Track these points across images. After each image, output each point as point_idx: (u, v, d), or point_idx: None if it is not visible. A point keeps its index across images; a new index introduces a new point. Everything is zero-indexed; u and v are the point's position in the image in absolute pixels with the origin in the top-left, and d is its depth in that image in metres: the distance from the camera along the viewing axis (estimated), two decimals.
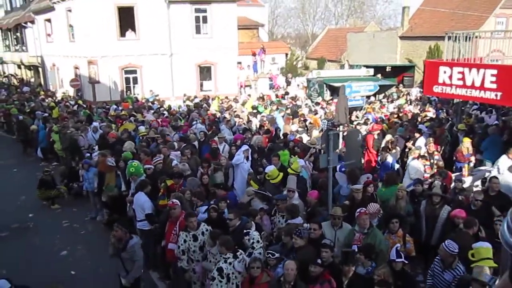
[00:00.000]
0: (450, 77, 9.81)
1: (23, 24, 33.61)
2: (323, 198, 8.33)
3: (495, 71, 8.98)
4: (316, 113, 17.17)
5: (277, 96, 24.92)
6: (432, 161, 11.64)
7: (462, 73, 9.56)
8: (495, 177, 8.55)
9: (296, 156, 10.40)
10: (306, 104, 21.58)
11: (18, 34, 36.93)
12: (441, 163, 11.47)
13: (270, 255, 6.28)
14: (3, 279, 5.86)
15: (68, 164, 14.71)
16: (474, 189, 9.34)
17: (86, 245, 10.44)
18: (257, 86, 27.69)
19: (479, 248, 5.74)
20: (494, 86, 9.01)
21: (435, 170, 10.99)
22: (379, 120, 16.13)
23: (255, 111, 19.20)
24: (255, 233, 6.62)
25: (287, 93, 25.74)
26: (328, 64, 42.26)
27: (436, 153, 11.85)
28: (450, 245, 6.05)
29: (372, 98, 22.46)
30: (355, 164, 8.59)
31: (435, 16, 35.24)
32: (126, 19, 24.56)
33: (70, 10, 25.52)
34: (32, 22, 32.24)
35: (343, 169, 9.41)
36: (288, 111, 18.85)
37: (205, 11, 26.02)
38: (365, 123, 15.91)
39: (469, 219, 6.70)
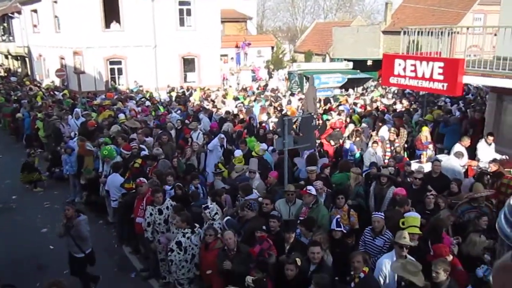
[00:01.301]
0: (404, 69, 10.61)
1: (10, 15, 33.95)
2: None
3: (442, 64, 9.79)
4: (289, 103, 17.93)
5: (258, 87, 25.63)
6: (392, 148, 12.53)
7: (414, 65, 10.37)
8: (437, 160, 9.40)
9: (258, 141, 11.17)
10: (285, 95, 22.35)
11: (5, 24, 37.18)
12: (399, 149, 12.36)
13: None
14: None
15: (51, 150, 15.32)
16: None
17: None
18: (239, 78, 28.37)
19: (408, 217, 6.57)
20: (441, 77, 9.82)
21: None
22: (351, 111, 16.97)
23: (236, 101, 19.95)
24: (213, 206, 7.37)
25: (267, 85, 26.46)
26: (315, 58, 42.95)
27: (396, 140, 12.74)
28: (379, 214, 6.93)
29: (350, 91, 23.34)
30: (311, 148, 9.38)
31: (417, 11, 36.10)
32: (111, 11, 25.11)
33: (56, 1, 26.00)
34: (19, 12, 32.59)
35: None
36: (268, 102, 19.60)
37: (189, 3, 26.67)
38: (339, 114, 16.78)
39: (401, 199, 7.51)
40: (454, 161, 10.28)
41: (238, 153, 10.18)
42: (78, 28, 24.55)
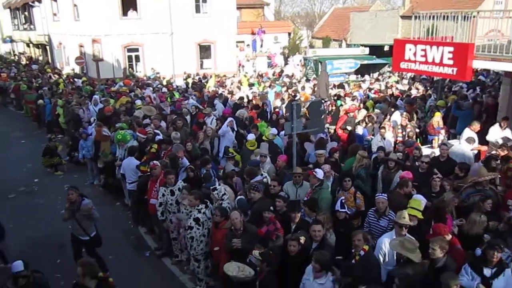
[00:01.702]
0: (415, 54, 10.65)
1: (31, 3, 34.58)
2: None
3: (452, 48, 9.80)
4: (303, 89, 18.07)
5: (274, 74, 25.76)
6: (404, 133, 12.62)
7: (425, 50, 10.39)
8: (444, 144, 9.50)
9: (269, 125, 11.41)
10: (300, 81, 22.46)
11: (26, 13, 37.91)
12: (411, 134, 12.44)
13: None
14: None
15: (71, 135, 15.84)
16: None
17: None
18: (255, 64, 28.51)
19: (412, 199, 6.75)
20: (451, 62, 9.84)
21: None
22: (364, 97, 17.03)
23: (251, 87, 20.18)
24: (221, 188, 7.67)
25: (282, 71, 26.57)
26: (333, 43, 42.62)
27: (408, 126, 12.81)
28: (382, 196, 7.13)
29: (366, 76, 23.32)
30: (319, 131, 9.58)
31: None
32: None
33: None
34: (39, 1, 33.15)
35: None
36: (284, 88, 19.77)
37: None
38: (353, 100, 16.87)
39: (401, 181, 7.70)
40: (466, 146, 10.31)
41: (251, 136, 10.47)
42: (97, 16, 25.00)
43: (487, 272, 5.50)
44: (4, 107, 24.76)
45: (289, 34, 42.63)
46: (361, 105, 15.80)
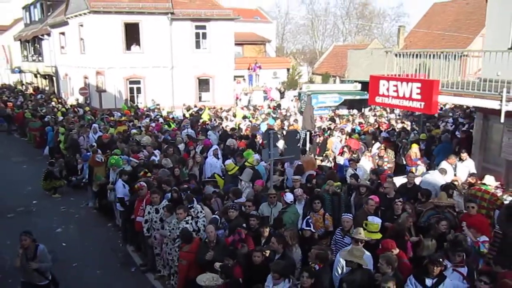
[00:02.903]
0: (388, 89, 11.55)
1: (40, 37, 36.25)
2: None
3: (419, 84, 10.70)
4: (296, 122, 19.00)
5: (269, 107, 26.77)
6: (381, 162, 13.42)
7: (396, 85, 11.29)
8: (412, 172, 10.25)
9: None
10: (295, 114, 23.40)
11: (36, 45, 39.60)
12: (390, 165, 13.25)
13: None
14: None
15: (70, 160, 16.65)
16: None
17: (78, 225, 12.39)
18: (251, 97, 29.61)
19: (369, 222, 7.45)
20: (419, 97, 10.72)
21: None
22: (350, 130, 17.92)
23: (245, 120, 21.12)
24: (198, 206, 8.42)
25: (279, 105, 27.60)
26: (332, 79, 43.99)
27: (385, 156, 13.62)
28: (347, 216, 7.84)
29: (355, 111, 24.31)
30: (295, 159, 10.36)
31: (428, 35, 36.92)
32: (132, 34, 26.86)
33: (82, 25, 27.92)
34: (48, 34, 34.84)
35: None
36: (279, 121, 20.73)
37: (204, 27, 28.25)
38: (341, 132, 17.76)
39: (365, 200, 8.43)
40: (437, 176, 11.08)
41: (228, 161, 11.30)
42: (101, 50, 26.31)
43: (428, 282, 6.13)
44: (9, 134, 25.74)
45: (288, 69, 44.09)
46: (347, 137, 16.65)
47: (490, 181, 10.03)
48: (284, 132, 17.04)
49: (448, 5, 39.12)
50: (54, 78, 36.65)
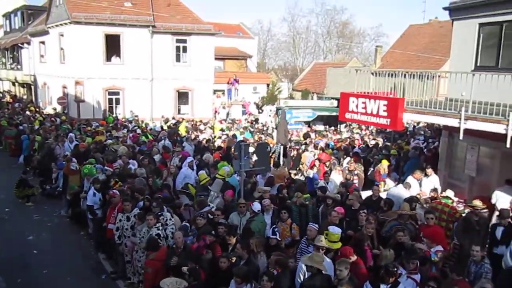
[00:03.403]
0: (357, 106, 12.03)
1: (20, 45, 36.10)
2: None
3: (386, 102, 11.21)
4: (270, 136, 19.46)
5: (247, 121, 27.19)
6: (352, 176, 13.87)
7: (364, 103, 11.79)
8: (377, 185, 10.70)
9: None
10: (273, 128, 23.88)
11: (15, 53, 39.34)
12: (359, 178, 13.73)
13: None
14: None
15: (45, 168, 16.64)
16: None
17: (50, 233, 12.45)
18: (230, 111, 30.02)
19: (330, 232, 7.80)
20: (385, 114, 11.22)
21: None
22: (324, 146, 18.41)
23: (222, 132, 21.49)
24: (167, 214, 8.68)
25: (257, 120, 28.04)
26: (312, 96, 44.77)
27: (356, 170, 14.10)
28: (312, 225, 8.18)
29: (332, 127, 24.94)
30: (265, 171, 10.72)
31: (404, 56, 38.06)
32: (112, 46, 27.08)
33: (62, 35, 28.02)
34: (28, 43, 34.73)
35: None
36: (258, 134, 21.18)
37: (185, 41, 28.68)
38: (315, 147, 18.24)
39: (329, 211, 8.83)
40: (402, 190, 11.58)
41: (201, 172, 11.59)
42: (81, 60, 26.43)
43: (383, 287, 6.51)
44: None
45: (268, 85, 44.74)
46: (320, 152, 17.11)
47: (450, 194, 10.51)
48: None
49: (423, 27, 40.47)
50: (33, 87, 36.42)
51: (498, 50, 12.23)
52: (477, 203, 9.10)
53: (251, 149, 15.20)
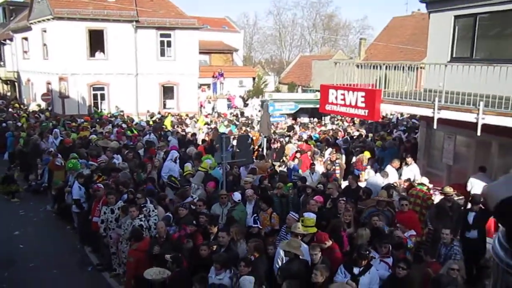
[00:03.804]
0: (336, 97, 12.34)
1: (2, 41, 35.77)
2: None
3: (363, 93, 11.53)
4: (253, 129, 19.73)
5: (232, 114, 27.40)
6: (333, 167, 14.20)
7: (343, 94, 12.10)
8: (354, 175, 11.02)
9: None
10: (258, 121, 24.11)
11: None
12: (337, 170, 14.06)
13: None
14: None
15: (30, 164, 16.71)
16: None
17: (36, 228, 12.57)
18: (216, 105, 30.19)
19: (306, 217, 8.09)
20: (363, 105, 11.54)
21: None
22: (307, 137, 18.74)
23: (208, 125, 21.70)
24: (150, 205, 8.90)
25: (242, 113, 28.26)
26: (298, 89, 45.07)
27: (337, 160, 14.43)
28: (292, 214, 8.45)
29: (316, 119, 25.26)
30: (247, 162, 10.97)
31: (387, 48, 38.50)
32: (96, 41, 27.02)
33: (45, 31, 27.86)
34: (11, 39, 34.43)
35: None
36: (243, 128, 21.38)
37: (169, 36, 28.72)
38: (299, 139, 18.56)
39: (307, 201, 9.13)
40: (379, 179, 11.95)
41: (188, 165, 11.80)
42: (65, 55, 26.33)
43: (356, 270, 6.80)
44: None
45: (254, 78, 44.91)
46: (304, 143, 17.45)
47: (425, 181, 10.88)
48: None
49: (406, 19, 40.93)
50: (16, 84, 36.14)
51: (472, 41, 12.63)
52: (448, 189, 9.43)
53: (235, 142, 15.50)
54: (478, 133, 9.47)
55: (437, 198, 10.57)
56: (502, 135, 10.53)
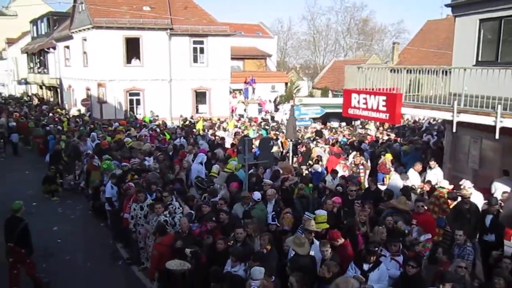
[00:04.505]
0: (358, 101, 12.58)
1: (46, 50, 37.76)
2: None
3: (385, 97, 11.72)
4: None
5: (263, 119, 27.91)
6: (357, 170, 14.43)
7: (365, 98, 12.32)
8: (374, 177, 11.26)
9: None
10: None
11: (42, 58, 41.11)
12: (361, 173, 14.28)
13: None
14: None
15: (71, 166, 17.69)
16: None
17: (73, 224, 13.44)
18: (247, 110, 30.82)
19: (317, 214, 8.43)
20: (384, 109, 11.73)
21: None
22: (333, 141, 19.00)
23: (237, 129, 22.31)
24: (175, 203, 9.47)
25: (273, 117, 28.72)
26: (331, 93, 45.07)
27: (361, 164, 14.64)
28: (307, 215, 8.80)
29: (344, 123, 25.49)
30: (269, 163, 11.40)
31: (420, 52, 38.05)
32: (132, 48, 28.24)
33: (85, 39, 29.32)
34: (54, 48, 36.33)
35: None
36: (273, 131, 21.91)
37: (202, 43, 29.65)
38: (326, 143, 18.85)
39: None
40: (398, 181, 12.13)
41: (215, 167, 12.34)
42: (103, 63, 27.67)
43: (365, 267, 7.09)
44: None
45: (286, 84, 45.24)
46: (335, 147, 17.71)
47: (445, 184, 10.96)
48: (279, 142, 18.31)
49: (440, 22, 40.29)
50: (58, 90, 38.02)
51: (498, 45, 12.59)
52: (465, 192, 9.52)
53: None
54: (497, 136, 9.54)
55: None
56: None
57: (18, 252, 8.84)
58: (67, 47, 33.74)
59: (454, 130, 10.66)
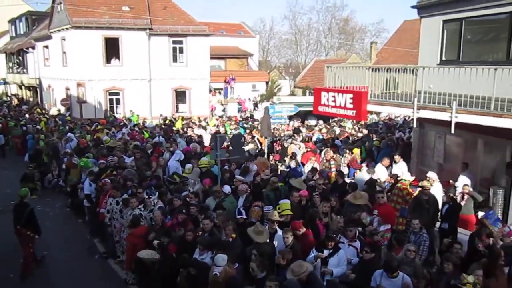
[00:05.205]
0: (328, 99, 13.11)
1: (25, 49, 37.61)
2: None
3: (351, 95, 12.28)
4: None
5: (242, 118, 28.38)
6: (329, 165, 14.97)
7: (334, 96, 12.86)
8: (339, 171, 11.81)
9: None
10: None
11: (20, 58, 40.88)
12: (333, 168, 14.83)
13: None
14: None
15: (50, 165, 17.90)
16: None
17: (51, 221, 13.66)
18: (226, 109, 31.25)
19: (281, 204, 8.93)
20: (351, 106, 12.28)
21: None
22: (307, 138, 19.57)
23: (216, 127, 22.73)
24: (154, 197, 9.89)
25: (252, 116, 29.20)
26: (307, 92, 45.68)
27: (332, 159, 15.20)
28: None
29: (320, 121, 26.09)
30: (241, 159, 11.86)
31: (397, 51, 38.93)
32: (112, 48, 28.44)
33: (64, 39, 29.38)
34: (33, 47, 36.19)
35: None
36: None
37: (181, 42, 30.00)
38: (302, 140, 19.38)
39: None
40: (365, 175, 12.70)
41: (187, 166, 12.77)
42: (82, 62, 27.82)
43: (326, 252, 7.60)
44: None
45: (267, 83, 45.73)
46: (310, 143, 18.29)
47: (407, 177, 11.56)
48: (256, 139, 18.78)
49: (415, 22, 40.75)
50: (38, 90, 37.89)
51: (459, 45, 13.24)
52: (425, 183, 10.11)
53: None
54: (452, 131, 10.14)
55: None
56: (487, 134, 11.11)
57: (25, 234, 10.00)
58: (46, 47, 33.70)
59: (414, 126, 11.24)
